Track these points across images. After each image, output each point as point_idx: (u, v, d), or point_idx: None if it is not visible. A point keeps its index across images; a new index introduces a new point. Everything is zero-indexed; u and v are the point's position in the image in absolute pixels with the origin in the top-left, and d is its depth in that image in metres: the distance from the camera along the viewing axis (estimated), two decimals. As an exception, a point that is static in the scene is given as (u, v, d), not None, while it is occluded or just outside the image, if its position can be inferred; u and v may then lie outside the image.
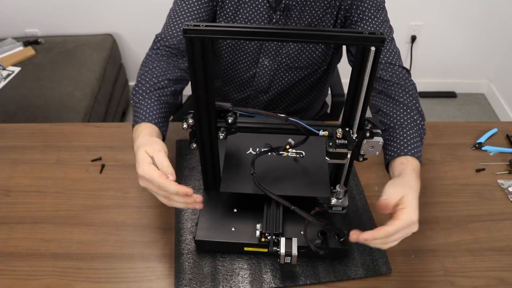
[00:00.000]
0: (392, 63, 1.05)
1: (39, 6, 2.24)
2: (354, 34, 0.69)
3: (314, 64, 1.20)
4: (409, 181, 0.83)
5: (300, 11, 1.10)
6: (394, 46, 1.09)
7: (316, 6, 1.10)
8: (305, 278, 0.89)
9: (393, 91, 1.02)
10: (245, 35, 0.71)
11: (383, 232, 0.74)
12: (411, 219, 0.76)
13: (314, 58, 1.19)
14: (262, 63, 1.19)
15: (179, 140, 1.18)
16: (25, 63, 2.10)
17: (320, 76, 1.27)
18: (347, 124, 0.81)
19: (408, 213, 0.76)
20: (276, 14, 1.10)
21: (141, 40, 2.40)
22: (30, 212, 1.01)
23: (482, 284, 0.91)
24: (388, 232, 0.74)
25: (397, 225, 0.75)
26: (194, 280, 0.88)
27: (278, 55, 1.18)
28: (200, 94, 0.79)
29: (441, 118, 2.60)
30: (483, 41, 2.54)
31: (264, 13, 1.11)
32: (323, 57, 1.20)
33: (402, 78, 1.04)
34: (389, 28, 1.11)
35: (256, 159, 0.90)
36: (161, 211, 1.02)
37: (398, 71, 1.05)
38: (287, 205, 0.84)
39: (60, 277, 0.89)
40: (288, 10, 1.10)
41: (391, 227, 0.74)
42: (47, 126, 1.24)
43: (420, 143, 0.92)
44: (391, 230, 0.74)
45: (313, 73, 1.24)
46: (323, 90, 1.36)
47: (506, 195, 1.09)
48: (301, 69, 1.21)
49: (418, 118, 0.97)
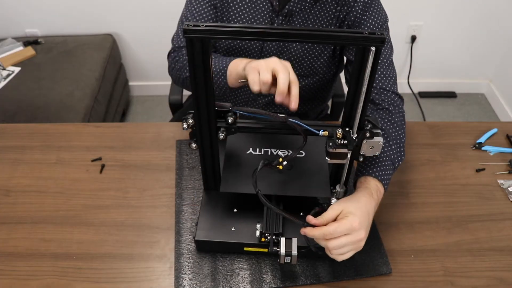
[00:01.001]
0: (387, 89, 1.06)
1: (39, 6, 2.24)
2: (354, 34, 0.69)
3: (316, 73, 1.20)
4: (354, 196, 0.86)
5: (302, 18, 1.10)
6: (392, 70, 1.09)
7: (320, 16, 1.10)
8: (305, 278, 0.89)
9: (381, 115, 1.03)
10: (245, 35, 0.71)
11: (320, 231, 0.78)
12: (351, 224, 0.78)
13: (316, 67, 1.18)
14: None
15: (179, 140, 1.18)
16: (25, 63, 2.10)
17: (322, 85, 1.26)
18: (347, 124, 0.81)
19: (348, 219, 0.79)
20: (279, 19, 1.10)
21: (141, 40, 2.41)
22: (30, 212, 1.01)
23: (482, 284, 0.91)
24: (325, 231, 0.78)
25: (335, 225, 0.78)
26: (194, 280, 0.88)
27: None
28: (200, 94, 0.79)
29: (441, 118, 2.60)
30: (483, 41, 2.54)
31: (267, 16, 1.11)
32: (326, 67, 1.19)
33: (392, 104, 1.05)
34: (390, 49, 1.10)
35: (255, 160, 0.89)
36: (161, 211, 1.02)
37: (391, 97, 1.06)
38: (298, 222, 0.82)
39: (60, 277, 0.89)
40: (291, 16, 1.10)
41: (330, 227, 0.78)
42: (47, 126, 1.24)
43: (391, 169, 0.94)
44: (331, 229, 0.78)
45: (315, 82, 1.23)
46: (324, 98, 1.37)
47: (506, 195, 1.09)
48: (302, 77, 1.20)
49: (396, 148, 0.98)
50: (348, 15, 1.09)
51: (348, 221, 0.79)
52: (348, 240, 0.79)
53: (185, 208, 1.01)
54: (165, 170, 1.11)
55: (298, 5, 1.08)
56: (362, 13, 1.07)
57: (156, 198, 1.05)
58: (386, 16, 1.10)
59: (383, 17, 1.09)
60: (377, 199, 0.89)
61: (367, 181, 0.91)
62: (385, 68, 1.07)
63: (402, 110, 1.06)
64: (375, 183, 0.91)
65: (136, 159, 1.14)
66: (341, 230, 0.79)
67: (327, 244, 0.80)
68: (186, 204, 1.02)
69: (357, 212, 0.80)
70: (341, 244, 0.79)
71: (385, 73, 1.07)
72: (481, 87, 2.78)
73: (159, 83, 2.57)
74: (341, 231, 0.79)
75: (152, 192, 1.06)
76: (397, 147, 0.98)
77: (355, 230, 0.79)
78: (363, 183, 0.90)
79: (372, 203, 0.86)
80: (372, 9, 1.07)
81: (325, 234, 0.79)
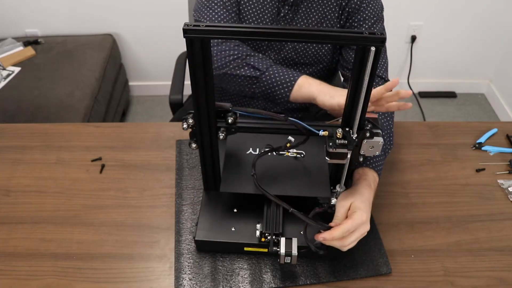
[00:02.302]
0: (379, 76, 1.11)
1: (39, 6, 2.24)
2: (354, 34, 0.69)
3: (320, 61, 1.22)
4: (357, 190, 0.91)
5: (307, 7, 1.14)
6: (385, 58, 1.14)
7: (323, 4, 1.14)
8: (305, 278, 0.89)
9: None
10: (245, 35, 0.71)
11: (339, 231, 0.82)
12: (361, 219, 0.84)
13: (321, 55, 1.20)
14: (268, 56, 1.21)
15: (179, 140, 1.18)
16: (25, 63, 2.10)
17: (325, 75, 1.28)
18: (347, 124, 0.81)
19: (359, 214, 0.84)
20: (284, 8, 1.13)
21: (141, 40, 2.41)
22: (30, 212, 1.01)
23: (482, 284, 0.91)
24: (343, 229, 0.82)
25: (350, 223, 0.83)
26: (194, 280, 0.88)
27: (282, 49, 1.19)
28: (200, 94, 0.79)
29: (441, 118, 2.60)
30: (483, 41, 2.54)
31: (274, 6, 1.13)
32: (330, 55, 1.21)
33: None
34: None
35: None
36: (161, 211, 1.02)
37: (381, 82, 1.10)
38: (286, 207, 0.85)
39: (60, 277, 0.89)
40: (297, 5, 1.13)
41: (345, 225, 0.83)
42: (47, 126, 1.24)
43: (383, 158, 1.00)
44: (345, 227, 0.82)
45: (319, 71, 1.25)
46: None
47: (506, 195, 1.09)
48: (306, 65, 1.22)
49: (387, 137, 1.03)
50: (350, 2, 1.13)
51: (359, 217, 0.84)
52: (359, 234, 0.85)
53: (185, 208, 1.01)
54: (165, 170, 1.11)
55: None
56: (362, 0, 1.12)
57: (156, 198, 1.05)
58: (382, 5, 1.16)
59: (380, 5, 1.15)
60: (374, 189, 0.95)
61: (365, 172, 0.96)
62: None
63: None
64: (372, 174, 0.96)
65: (136, 159, 1.14)
66: (354, 226, 0.83)
67: (342, 242, 0.84)
68: (186, 204, 1.02)
69: (363, 206, 0.86)
70: (354, 239, 0.84)
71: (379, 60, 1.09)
72: (481, 87, 2.78)
73: (159, 83, 2.57)
74: (354, 226, 0.84)
75: (152, 192, 1.06)
76: (388, 136, 1.04)
77: (364, 223, 0.85)
78: (362, 175, 0.95)
79: (371, 193, 0.92)
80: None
81: (344, 233, 0.82)
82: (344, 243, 0.84)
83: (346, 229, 0.82)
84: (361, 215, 0.84)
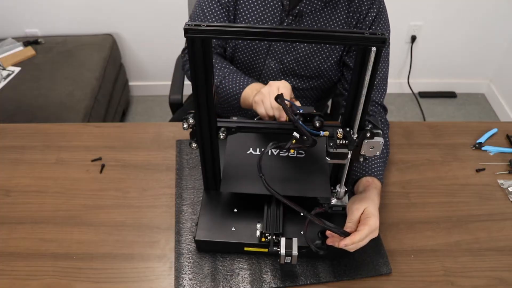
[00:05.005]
0: (376, 101, 1.15)
1: (39, 6, 2.24)
2: (355, 34, 0.69)
3: (322, 76, 1.20)
4: (369, 196, 0.92)
5: (312, 20, 1.12)
6: (385, 84, 1.16)
7: (329, 19, 1.12)
8: (305, 278, 0.89)
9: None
10: (245, 35, 0.71)
11: (359, 236, 0.84)
12: (375, 225, 0.87)
13: (323, 70, 1.19)
14: (268, 65, 1.20)
15: (179, 140, 1.18)
16: (25, 63, 2.10)
17: (326, 89, 1.27)
18: (347, 124, 0.81)
19: (373, 220, 0.87)
20: (288, 18, 1.11)
21: (141, 40, 2.41)
22: (30, 212, 1.01)
23: (482, 284, 0.91)
24: (362, 235, 0.84)
25: (367, 229, 0.85)
26: (194, 280, 0.88)
27: (283, 59, 1.18)
28: (201, 94, 0.79)
29: (441, 118, 2.60)
30: (483, 41, 2.54)
31: (276, 15, 1.12)
32: (332, 71, 1.20)
33: (378, 114, 1.14)
34: (387, 63, 1.15)
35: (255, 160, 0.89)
36: (161, 211, 1.02)
37: (377, 109, 1.15)
38: (298, 210, 0.82)
39: (60, 277, 0.89)
40: (301, 17, 1.11)
41: (363, 231, 0.85)
42: (47, 126, 1.24)
43: (383, 166, 1.04)
44: (364, 233, 0.84)
45: (319, 85, 1.24)
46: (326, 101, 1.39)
47: (506, 195, 1.09)
48: (307, 78, 1.21)
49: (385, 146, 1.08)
50: (360, 23, 1.11)
51: (373, 223, 0.86)
52: (370, 238, 0.87)
53: (185, 208, 1.01)
54: (165, 170, 1.11)
55: (309, 6, 1.09)
56: (373, 22, 1.11)
57: (156, 198, 1.05)
58: (390, 30, 1.17)
59: (388, 29, 1.15)
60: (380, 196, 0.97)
61: (374, 181, 0.98)
62: (379, 81, 1.14)
63: (387, 120, 1.15)
64: (378, 183, 0.99)
65: (136, 159, 1.14)
66: (370, 231, 0.86)
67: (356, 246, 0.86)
68: (186, 204, 1.02)
69: (375, 212, 0.88)
70: (365, 243, 0.87)
71: (379, 87, 1.15)
72: (481, 87, 2.78)
73: (159, 83, 2.57)
74: (370, 232, 0.86)
75: (152, 192, 1.06)
76: (385, 145, 1.08)
77: (376, 229, 0.87)
78: (371, 183, 0.97)
79: (379, 200, 0.95)
80: (380, 20, 1.12)
81: (362, 239, 0.85)
82: (357, 247, 0.86)
83: (364, 235, 0.84)
84: (375, 221, 0.87)
